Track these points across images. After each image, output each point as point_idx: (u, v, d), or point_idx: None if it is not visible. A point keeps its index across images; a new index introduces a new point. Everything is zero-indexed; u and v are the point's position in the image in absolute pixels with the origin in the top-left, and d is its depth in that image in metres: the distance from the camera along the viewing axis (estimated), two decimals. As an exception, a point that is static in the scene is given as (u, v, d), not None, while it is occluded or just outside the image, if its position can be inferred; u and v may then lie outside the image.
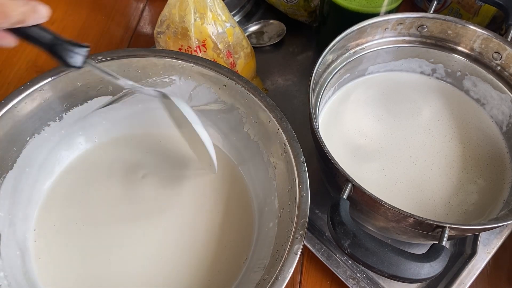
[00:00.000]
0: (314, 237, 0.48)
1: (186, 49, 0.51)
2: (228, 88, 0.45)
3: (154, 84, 0.47)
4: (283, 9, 0.65)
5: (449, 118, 0.50)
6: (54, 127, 0.45)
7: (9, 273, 0.39)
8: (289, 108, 0.58)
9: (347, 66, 0.49)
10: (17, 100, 0.41)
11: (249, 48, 0.55)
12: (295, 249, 0.35)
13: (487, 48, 0.48)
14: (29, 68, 0.63)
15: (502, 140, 0.48)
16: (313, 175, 0.40)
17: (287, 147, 0.40)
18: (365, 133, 0.49)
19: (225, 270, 0.44)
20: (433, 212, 0.43)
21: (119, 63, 0.45)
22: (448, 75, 0.52)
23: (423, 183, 0.45)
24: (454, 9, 0.63)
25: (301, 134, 0.42)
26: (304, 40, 0.66)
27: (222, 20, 0.50)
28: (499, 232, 0.48)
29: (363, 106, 0.51)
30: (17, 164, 0.43)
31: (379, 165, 0.46)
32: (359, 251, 0.33)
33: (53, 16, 0.69)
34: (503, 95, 0.48)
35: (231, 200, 0.48)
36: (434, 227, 0.35)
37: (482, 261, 0.46)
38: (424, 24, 0.49)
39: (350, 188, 0.37)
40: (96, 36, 0.67)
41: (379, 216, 0.38)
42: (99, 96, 0.46)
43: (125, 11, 0.71)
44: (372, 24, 0.47)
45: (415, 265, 0.32)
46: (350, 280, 0.45)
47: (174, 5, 0.49)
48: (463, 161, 0.47)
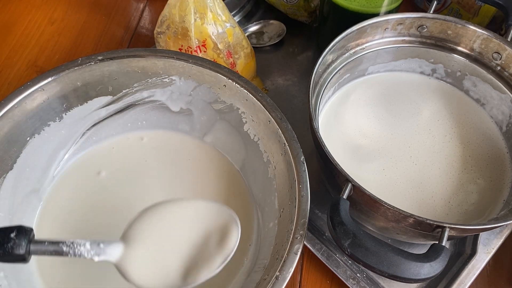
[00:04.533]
0: (314, 237, 0.48)
1: (186, 49, 0.51)
2: (228, 88, 0.45)
3: (154, 84, 0.47)
4: (283, 9, 0.65)
5: (449, 118, 0.50)
6: (54, 127, 0.45)
7: (9, 273, 0.39)
8: (289, 108, 0.58)
9: (347, 66, 0.49)
10: (17, 100, 0.41)
11: (249, 48, 0.55)
12: (295, 249, 0.35)
13: (487, 48, 0.48)
14: (29, 68, 0.63)
15: (502, 140, 0.48)
16: (313, 175, 0.40)
17: (287, 147, 0.40)
18: (365, 133, 0.49)
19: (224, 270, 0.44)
20: (433, 212, 0.43)
21: (119, 63, 0.45)
22: (448, 75, 0.52)
23: (423, 183, 0.45)
24: (454, 9, 0.63)
25: (301, 134, 0.42)
26: (304, 40, 0.66)
27: (222, 20, 0.50)
28: (499, 232, 0.48)
29: (363, 106, 0.51)
30: (17, 164, 0.43)
31: (379, 165, 0.46)
32: (359, 251, 0.33)
33: (53, 16, 0.69)
34: (503, 95, 0.48)
35: (231, 200, 0.48)
36: (434, 227, 0.35)
37: (482, 261, 0.46)
38: (424, 24, 0.49)
39: (350, 188, 0.37)
40: (96, 36, 0.67)
41: (379, 216, 0.38)
42: (99, 96, 0.46)
43: (125, 11, 0.71)
44: (372, 24, 0.47)
45: (415, 265, 0.32)
46: (350, 280, 0.45)
47: (174, 5, 0.49)
48: (463, 161, 0.47)
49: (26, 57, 0.64)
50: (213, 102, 0.47)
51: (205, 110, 0.48)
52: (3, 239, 0.30)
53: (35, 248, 0.31)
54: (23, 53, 0.65)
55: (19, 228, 0.30)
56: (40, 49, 0.65)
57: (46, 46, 0.65)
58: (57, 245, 0.32)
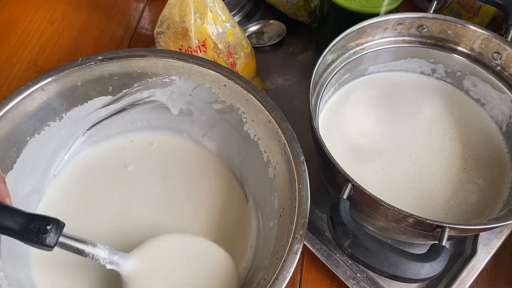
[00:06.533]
0: (314, 237, 0.48)
1: (186, 49, 0.51)
2: (228, 88, 0.45)
3: (154, 84, 0.47)
4: (283, 9, 0.65)
5: (449, 118, 0.50)
6: (54, 127, 0.45)
7: (9, 273, 0.39)
8: (289, 108, 0.58)
9: (347, 66, 0.49)
10: (17, 100, 0.41)
11: (249, 48, 0.55)
12: (295, 249, 0.35)
13: (487, 48, 0.48)
14: (29, 68, 0.63)
15: (502, 140, 0.48)
16: (313, 175, 0.40)
17: (287, 147, 0.40)
18: (365, 133, 0.49)
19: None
20: (433, 212, 0.44)
21: (119, 63, 0.45)
22: (448, 75, 0.52)
23: (423, 183, 0.45)
24: (454, 9, 0.63)
25: (301, 134, 0.42)
26: (304, 40, 0.66)
27: (222, 20, 0.50)
28: (499, 232, 0.48)
29: (363, 106, 0.51)
30: (17, 164, 0.43)
31: (379, 165, 0.46)
32: (359, 251, 0.33)
33: (53, 16, 0.69)
34: (503, 95, 0.48)
35: (231, 200, 0.48)
36: (434, 227, 0.35)
37: (482, 261, 0.46)
38: (424, 24, 0.49)
39: (350, 188, 0.37)
40: (96, 36, 0.67)
41: (379, 216, 0.38)
42: (99, 96, 0.46)
43: (125, 11, 0.71)
44: (372, 24, 0.47)
45: (415, 265, 0.32)
46: (350, 280, 0.45)
47: (174, 5, 0.49)
48: (463, 161, 0.47)
49: (26, 57, 0.64)
50: (213, 102, 0.47)
51: (205, 110, 0.48)
52: (40, 228, 0.32)
53: (62, 241, 0.34)
54: (23, 53, 0.65)
55: (56, 222, 0.33)
56: (40, 49, 0.65)
57: (46, 46, 0.65)
58: (82, 244, 0.35)
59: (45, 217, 0.33)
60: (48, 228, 0.33)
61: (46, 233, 0.33)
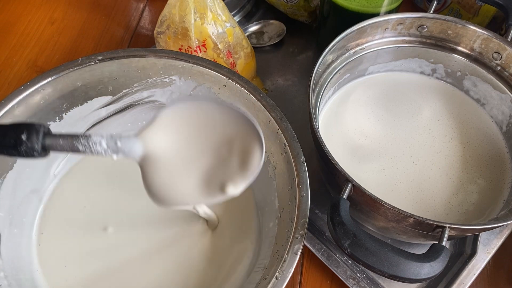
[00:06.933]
0: (314, 237, 0.48)
1: (186, 49, 0.51)
2: (228, 88, 0.45)
3: (154, 84, 0.47)
4: (283, 9, 0.65)
5: (449, 118, 0.50)
6: (54, 127, 0.45)
7: (9, 273, 0.39)
8: (289, 108, 0.58)
9: (347, 66, 0.49)
10: (17, 100, 0.41)
11: (249, 48, 0.55)
12: (295, 249, 0.35)
13: (487, 48, 0.48)
14: (29, 68, 0.63)
15: (502, 140, 0.48)
16: (313, 175, 0.40)
17: (287, 147, 0.40)
18: (365, 133, 0.49)
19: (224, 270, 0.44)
20: (433, 212, 0.43)
21: (119, 63, 0.45)
22: (448, 75, 0.52)
23: (423, 183, 0.45)
24: (454, 9, 0.63)
25: (301, 134, 0.42)
26: (304, 40, 0.66)
27: (222, 20, 0.50)
28: (499, 232, 0.48)
29: (363, 106, 0.51)
30: (17, 164, 0.43)
31: (379, 165, 0.46)
32: (359, 251, 0.33)
33: (53, 16, 0.69)
34: (503, 95, 0.48)
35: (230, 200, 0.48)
36: (434, 227, 0.35)
37: (482, 261, 0.46)
38: (424, 24, 0.49)
39: (350, 188, 0.37)
40: (96, 36, 0.67)
41: (379, 216, 0.38)
42: (99, 96, 0.46)
43: (125, 11, 0.71)
44: (372, 24, 0.47)
45: (415, 265, 0.32)
46: (350, 280, 0.45)
47: (174, 5, 0.49)
48: (463, 161, 0.47)
49: (26, 57, 0.64)
50: (213, 102, 0.47)
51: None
52: (15, 140, 0.29)
53: (49, 143, 0.30)
54: (23, 53, 0.65)
55: (30, 127, 0.30)
56: (40, 49, 0.65)
57: (46, 46, 0.65)
58: (71, 141, 0.31)
59: (18, 125, 0.30)
60: (23, 137, 0.29)
61: (22, 144, 0.29)
